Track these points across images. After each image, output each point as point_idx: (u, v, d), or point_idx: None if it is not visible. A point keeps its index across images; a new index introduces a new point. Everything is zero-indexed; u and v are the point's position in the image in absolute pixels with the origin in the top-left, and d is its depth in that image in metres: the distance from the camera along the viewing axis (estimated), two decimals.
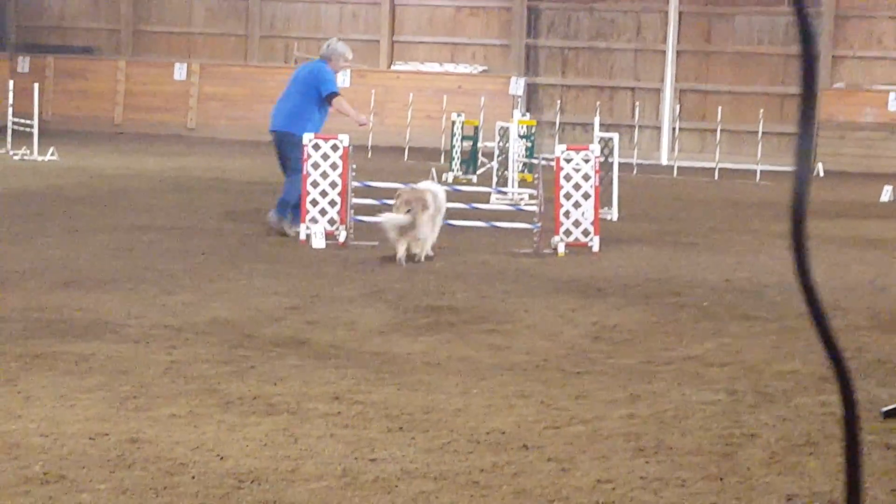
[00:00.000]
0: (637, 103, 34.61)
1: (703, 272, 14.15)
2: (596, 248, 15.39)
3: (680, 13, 35.34)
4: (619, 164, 19.86)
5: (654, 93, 35.47)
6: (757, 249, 16.38)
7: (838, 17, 34.34)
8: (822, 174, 30.14)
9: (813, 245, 16.58)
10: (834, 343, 2.22)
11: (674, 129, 33.99)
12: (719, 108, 32.14)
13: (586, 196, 15.52)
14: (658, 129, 35.13)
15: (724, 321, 11.23)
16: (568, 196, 15.49)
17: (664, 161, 33.69)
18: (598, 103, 32.36)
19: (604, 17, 36.02)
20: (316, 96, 16.40)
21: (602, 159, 17.50)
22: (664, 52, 35.29)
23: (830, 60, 34.22)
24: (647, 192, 24.51)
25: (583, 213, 15.50)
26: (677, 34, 35.35)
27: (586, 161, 15.63)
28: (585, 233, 15.49)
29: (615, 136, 20.23)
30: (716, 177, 28.42)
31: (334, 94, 16.39)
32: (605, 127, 23.90)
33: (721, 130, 31.32)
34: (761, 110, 31.51)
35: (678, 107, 34.38)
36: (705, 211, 21.55)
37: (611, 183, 19.10)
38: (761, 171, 28.74)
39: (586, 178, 15.56)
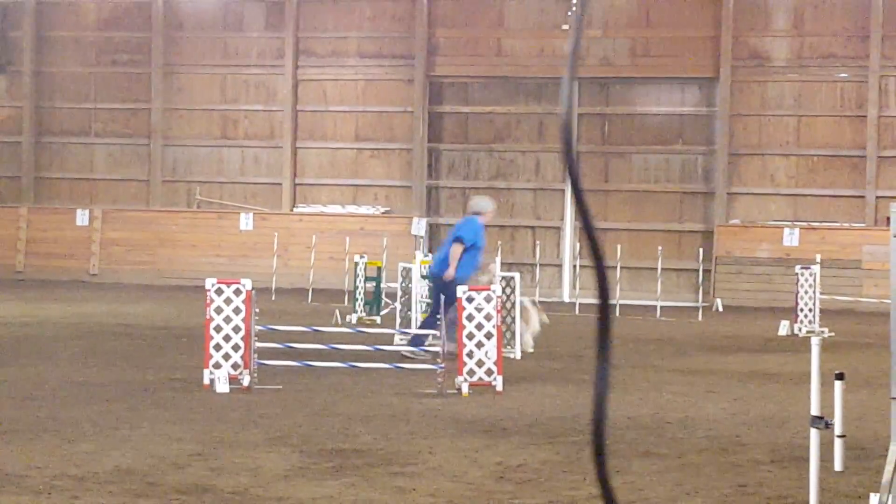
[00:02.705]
0: (538, 242, 35.03)
1: None
2: (500, 388, 15.47)
3: (578, 153, 35.97)
4: (518, 302, 20.04)
5: (555, 231, 35.95)
6: (658, 386, 16.56)
7: (732, 155, 35.15)
8: (720, 309, 30.60)
9: (713, 380, 16.83)
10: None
11: (574, 266, 34.38)
12: (618, 246, 32.61)
13: (489, 336, 15.65)
14: (559, 266, 35.54)
15: (627, 459, 11.32)
16: (471, 336, 15.61)
17: (566, 298, 34.03)
18: (499, 242, 32.71)
19: (503, 158, 36.58)
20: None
21: (503, 298, 17.69)
22: (563, 191, 35.83)
23: (726, 197, 34.96)
24: (549, 329, 24.69)
25: (486, 353, 15.61)
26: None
27: (488, 301, 15.78)
28: (489, 372, 15.58)
29: (517, 274, 20.45)
30: (617, 313, 28.71)
31: (457, 240, 18.76)
32: (506, 266, 24.14)
33: (621, 267, 31.75)
34: (659, 247, 32.01)
35: (578, 244, 34.82)
36: None
37: (513, 322, 19.27)
38: (661, 307, 29.11)
39: (488, 317, 15.70)
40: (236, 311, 15.59)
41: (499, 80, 36.44)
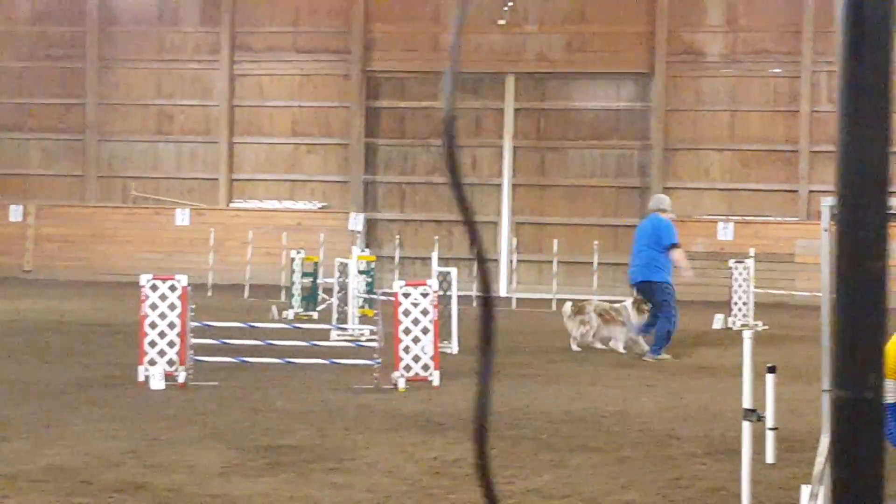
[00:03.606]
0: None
1: (542, 403, 14.33)
2: (436, 383, 15.50)
3: (515, 148, 36.08)
4: (459, 297, 20.06)
5: (492, 226, 36.02)
6: (595, 380, 16.64)
7: (667, 150, 35.37)
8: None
9: (649, 374, 16.93)
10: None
11: (511, 261, 34.46)
12: (555, 241, 32.71)
13: (426, 331, 15.66)
14: (496, 261, 35.61)
15: (563, 452, 11.37)
16: (407, 331, 15.62)
17: (503, 293, 34.08)
18: (436, 237, 32.72)
19: (440, 153, 36.58)
20: (662, 247, 19.33)
21: (441, 293, 17.71)
22: (500, 186, 35.91)
23: (660, 191, 35.15)
24: None
25: (423, 348, 15.62)
26: (512, 168, 36.04)
27: (425, 296, 15.80)
28: (425, 367, 15.60)
29: (453, 270, 20.47)
30: (554, 307, 28.79)
31: (675, 246, 19.35)
32: (443, 261, 24.16)
33: (557, 262, 31.85)
34: (595, 241, 32.14)
35: (515, 239, 34.91)
36: (544, 342, 21.83)
37: (450, 317, 19.30)
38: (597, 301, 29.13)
39: (425, 312, 15.72)
40: (172, 307, 15.52)
41: (436, 74, 36.45)
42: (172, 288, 15.59)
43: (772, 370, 8.29)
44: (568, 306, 20.96)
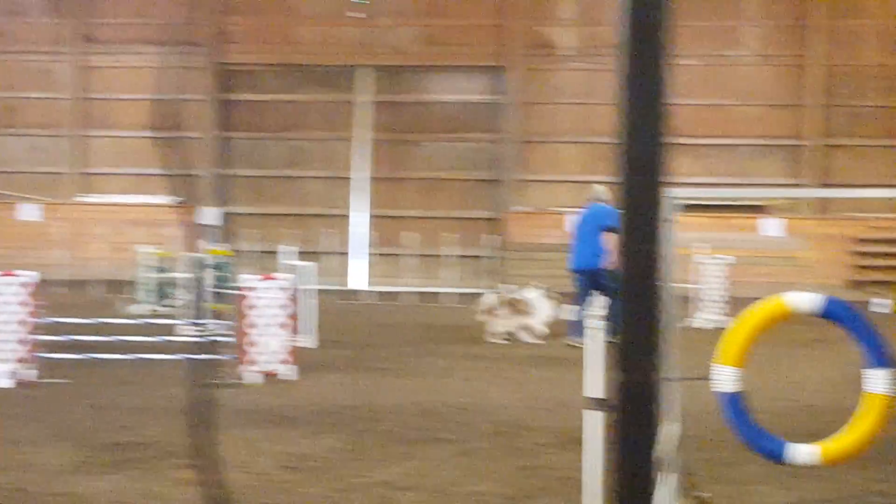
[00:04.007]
0: (330, 230, 34.99)
1: (394, 396, 14.35)
2: (290, 377, 15.43)
3: (370, 141, 36.07)
4: (314, 290, 20.01)
5: (344, 219, 35.96)
6: (447, 372, 16.71)
7: (521, 143, 35.62)
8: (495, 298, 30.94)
9: (500, 366, 17.05)
10: None
11: (367, 254, 34.43)
12: (410, 234, 32.77)
13: (280, 325, 15.58)
14: (347, 255, 35.56)
15: (414, 445, 11.40)
16: (261, 325, 15.52)
17: (359, 286, 34.06)
18: (291, 231, 32.58)
19: (294, 147, 36.44)
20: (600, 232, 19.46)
21: (296, 287, 17.64)
22: (355, 180, 35.87)
23: (515, 184, 35.42)
24: (342, 318, 24.73)
25: (277, 342, 15.54)
26: (367, 162, 36.03)
27: (278, 289, 15.71)
28: (279, 361, 15.53)
29: (309, 263, 20.41)
30: (409, 300, 28.85)
31: (612, 229, 18.90)
32: (298, 254, 24.07)
33: (412, 255, 31.91)
34: (450, 234, 32.27)
35: (371, 233, 34.90)
36: (399, 335, 21.87)
37: (305, 310, 19.23)
38: (451, 294, 29.33)
39: (279, 306, 15.64)
40: (19, 304, 15.24)
41: (289, 68, 36.28)
42: (21, 284, 15.30)
43: None
44: (485, 299, 21.21)
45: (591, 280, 19.68)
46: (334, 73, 36.04)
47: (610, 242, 19.72)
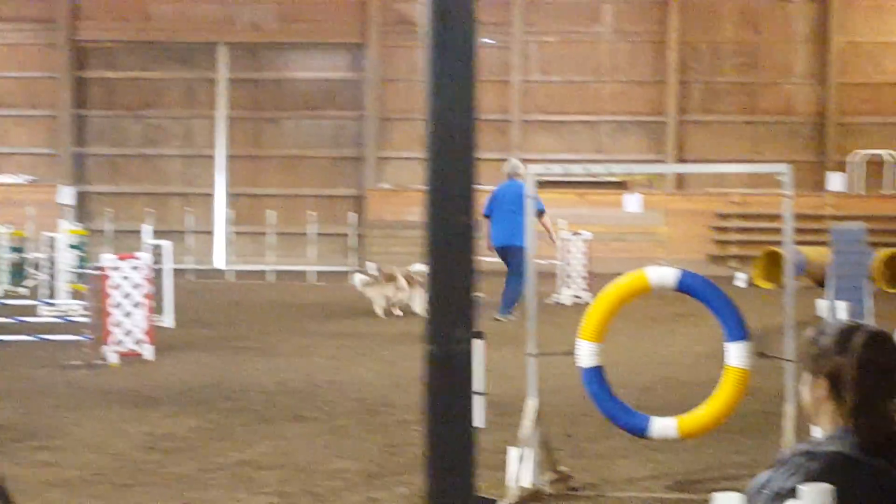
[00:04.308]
0: (189, 209, 34.64)
1: (257, 375, 14.26)
2: (149, 357, 15.26)
3: (229, 119, 35.76)
4: (173, 270, 19.80)
5: (207, 198, 35.64)
6: (311, 350, 16.65)
7: (382, 120, 35.58)
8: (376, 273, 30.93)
9: (364, 343, 17.02)
10: None
11: (227, 233, 34.17)
12: (271, 212, 32.59)
13: (138, 304, 15.39)
14: (211, 233, 35.26)
15: (277, 423, 11.35)
16: (119, 305, 15.31)
17: (219, 266, 33.80)
18: (149, 210, 32.24)
19: (152, 124, 35.99)
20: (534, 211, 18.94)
21: (154, 266, 17.43)
22: (214, 158, 35.56)
23: (376, 161, 35.39)
24: (202, 297, 24.52)
25: (135, 323, 15.35)
26: (227, 139, 35.72)
27: (136, 269, 15.52)
28: (138, 342, 15.34)
29: (167, 242, 20.19)
30: (271, 279, 28.72)
31: (542, 211, 19.35)
32: (158, 234, 23.78)
33: (274, 234, 31.75)
34: (312, 212, 32.15)
35: (231, 211, 34.63)
36: (261, 314, 21.76)
37: (164, 290, 19.02)
38: (314, 272, 29.24)
39: (137, 286, 15.44)
40: None
41: (146, 44, 35.80)
42: None
43: (478, 335, 8.42)
44: (366, 274, 21.26)
45: (510, 257, 19.64)
46: (192, 50, 35.64)
47: (549, 224, 20.66)
